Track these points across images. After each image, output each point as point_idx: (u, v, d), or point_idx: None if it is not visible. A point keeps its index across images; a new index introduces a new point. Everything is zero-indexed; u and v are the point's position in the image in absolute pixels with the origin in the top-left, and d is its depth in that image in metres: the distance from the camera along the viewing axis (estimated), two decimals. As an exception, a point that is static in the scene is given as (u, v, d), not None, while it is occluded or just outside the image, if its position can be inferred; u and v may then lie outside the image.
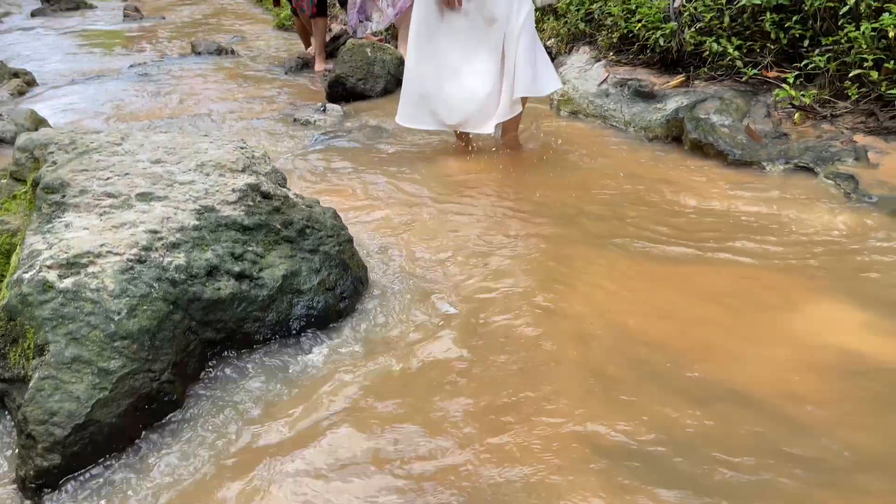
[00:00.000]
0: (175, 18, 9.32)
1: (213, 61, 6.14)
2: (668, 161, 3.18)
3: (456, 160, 3.34)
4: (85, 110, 4.66)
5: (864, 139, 2.98)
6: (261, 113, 4.50)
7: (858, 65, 3.03)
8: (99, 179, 1.98)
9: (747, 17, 3.49)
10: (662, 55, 3.81)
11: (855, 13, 3.10)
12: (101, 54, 6.90)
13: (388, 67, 4.77)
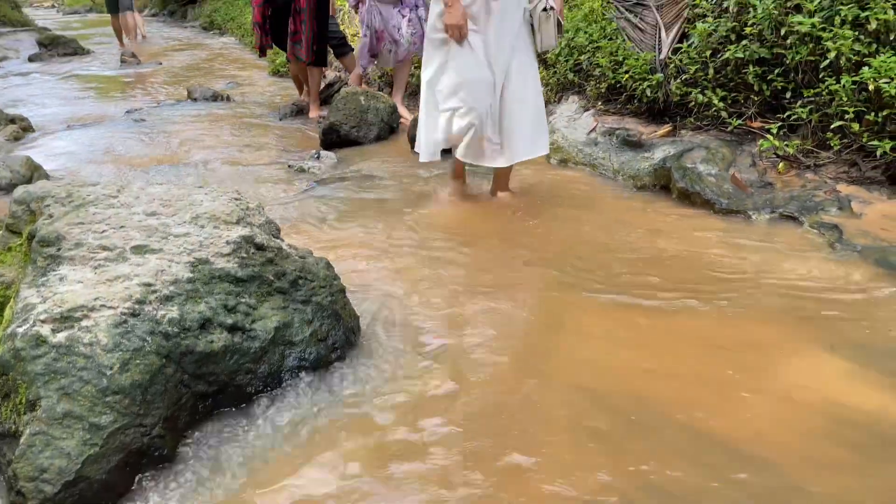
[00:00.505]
0: (171, 64, 9.46)
1: (209, 107, 6.22)
2: (656, 210, 3.23)
3: (448, 208, 3.39)
4: (81, 157, 4.70)
5: (848, 189, 3.04)
6: (256, 159, 4.55)
7: (840, 117, 3.12)
8: (94, 232, 2.00)
9: (731, 69, 3.59)
10: (649, 105, 3.89)
11: (835, 66, 3.20)
12: (97, 100, 6.98)
13: (382, 115, 4.85)
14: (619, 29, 4.29)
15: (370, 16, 5.11)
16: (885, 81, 2.95)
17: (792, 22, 3.30)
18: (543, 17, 3.05)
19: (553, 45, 3.15)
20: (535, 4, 3.05)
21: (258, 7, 5.39)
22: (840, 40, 3.13)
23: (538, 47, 3.14)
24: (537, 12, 3.05)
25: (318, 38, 5.42)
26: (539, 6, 3.04)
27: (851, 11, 3.19)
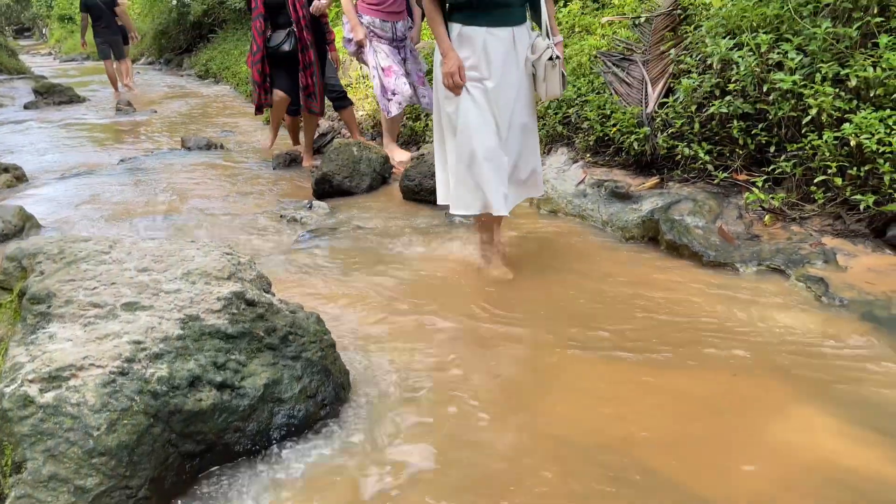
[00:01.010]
0: (166, 112, 9.57)
1: (203, 156, 6.28)
2: (644, 262, 3.26)
3: (438, 262, 3.40)
4: (74, 206, 4.72)
5: (833, 241, 3.08)
6: (248, 209, 4.58)
7: (823, 171, 3.18)
8: (85, 289, 2.01)
9: (716, 123, 3.66)
10: (637, 158, 3.96)
11: (817, 122, 3.27)
12: (92, 148, 7.04)
13: (374, 165, 4.90)
14: (607, 83, 4.39)
15: (376, 56, 5.03)
16: (865, 137, 3.02)
17: (774, 79, 3.39)
18: (549, 66, 3.00)
19: (558, 95, 3.09)
20: (540, 54, 3.00)
21: (256, 66, 5.38)
22: (821, 97, 3.21)
23: (542, 96, 3.10)
24: (542, 62, 3.00)
25: (324, 90, 5.64)
26: (544, 56, 2.99)
27: (832, 69, 3.29)
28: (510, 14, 2.97)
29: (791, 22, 3.60)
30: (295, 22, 5.16)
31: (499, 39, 2.95)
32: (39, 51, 28.93)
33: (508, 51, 2.98)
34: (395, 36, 5.05)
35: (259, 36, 5.18)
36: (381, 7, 4.97)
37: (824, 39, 3.38)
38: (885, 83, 3.11)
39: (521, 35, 3.01)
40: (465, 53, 2.98)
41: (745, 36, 3.66)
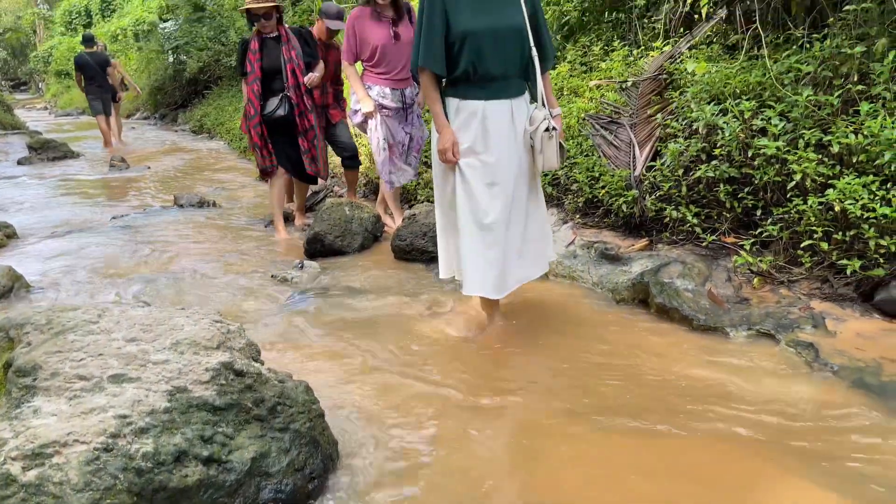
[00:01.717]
0: (160, 167, 9.63)
1: (195, 214, 6.30)
2: (635, 325, 3.27)
3: (430, 325, 3.39)
4: (64, 266, 4.71)
5: (821, 305, 3.10)
6: (239, 269, 4.58)
7: (809, 235, 3.22)
8: (72, 361, 1.99)
9: (703, 187, 3.72)
10: (626, 219, 4.00)
11: (801, 187, 3.33)
12: (84, 205, 7.05)
13: (366, 225, 4.93)
14: (596, 145, 4.46)
15: (383, 131, 4.92)
16: (850, 203, 3.07)
17: (758, 145, 3.46)
18: (546, 138, 2.98)
19: (555, 166, 3.07)
20: (537, 126, 2.99)
21: (255, 129, 5.14)
22: (805, 163, 3.27)
23: (540, 168, 3.07)
24: (539, 133, 2.98)
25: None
26: (541, 127, 2.98)
27: (814, 135, 3.36)
28: (508, 87, 2.98)
29: (773, 89, 3.70)
30: (293, 87, 5.06)
31: (497, 112, 2.96)
32: (35, 105, 29.22)
33: (507, 123, 2.98)
34: (404, 103, 4.92)
35: (256, 99, 5.08)
36: (390, 75, 4.84)
37: (806, 107, 3.47)
38: (867, 150, 3.18)
39: (519, 107, 3.03)
40: (463, 127, 2.97)
41: (729, 102, 3.75)
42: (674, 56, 4.66)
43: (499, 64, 2.91)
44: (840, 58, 3.53)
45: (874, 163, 3.16)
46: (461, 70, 2.91)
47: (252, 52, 5.07)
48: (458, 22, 2.85)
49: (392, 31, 4.75)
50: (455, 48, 2.89)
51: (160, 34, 18.69)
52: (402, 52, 4.75)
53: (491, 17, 2.87)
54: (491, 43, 2.87)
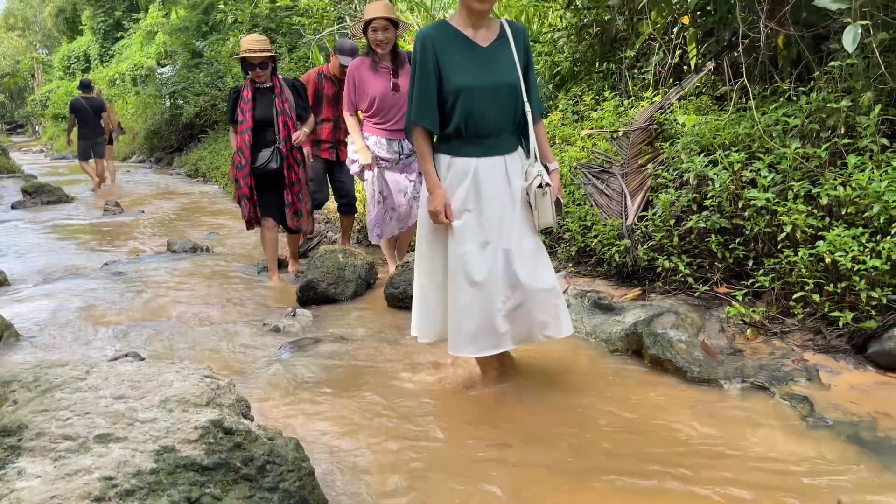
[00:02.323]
0: (154, 212, 9.66)
1: (188, 260, 6.29)
2: (629, 377, 3.25)
3: (423, 377, 3.37)
4: (55, 313, 4.68)
5: (815, 357, 3.10)
6: (232, 317, 4.55)
7: (801, 287, 3.23)
8: (58, 420, 1.96)
9: (694, 237, 3.74)
10: (619, 269, 4.01)
11: (792, 238, 3.35)
12: (77, 251, 7.04)
13: (359, 272, 4.93)
14: (588, 195, 4.50)
15: (379, 183, 4.89)
16: (840, 255, 3.09)
17: (748, 196, 3.49)
18: (539, 194, 2.87)
19: (551, 223, 2.95)
20: (531, 181, 2.88)
21: (245, 180, 5.10)
22: (794, 214, 3.30)
23: (536, 225, 2.95)
24: (532, 189, 2.88)
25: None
26: (534, 183, 2.87)
27: (803, 187, 3.40)
28: (500, 143, 2.91)
29: (762, 140, 3.75)
30: (284, 140, 5.05)
31: (491, 169, 2.88)
32: (31, 147, 29.41)
33: (501, 180, 2.90)
34: (401, 154, 4.84)
35: (247, 150, 5.03)
36: (386, 126, 4.80)
37: (794, 159, 3.51)
38: (856, 202, 3.21)
39: (513, 163, 2.94)
40: (455, 184, 2.89)
41: (718, 153, 3.80)
42: (664, 107, 4.73)
43: (492, 120, 2.85)
44: (826, 111, 3.60)
45: (863, 215, 3.19)
46: (453, 126, 2.86)
47: (244, 102, 5.05)
48: (450, 78, 2.80)
49: (391, 81, 4.73)
50: (448, 104, 2.84)
51: (158, 79, 18.97)
52: (401, 103, 4.71)
53: (484, 74, 2.81)
54: (484, 99, 2.81)
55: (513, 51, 2.86)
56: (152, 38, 23.76)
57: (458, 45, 2.82)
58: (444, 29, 2.84)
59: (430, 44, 2.79)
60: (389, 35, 4.64)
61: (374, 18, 4.59)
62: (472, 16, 2.81)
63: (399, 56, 4.79)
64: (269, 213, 5.26)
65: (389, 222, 4.97)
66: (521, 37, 2.90)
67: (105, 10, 29.42)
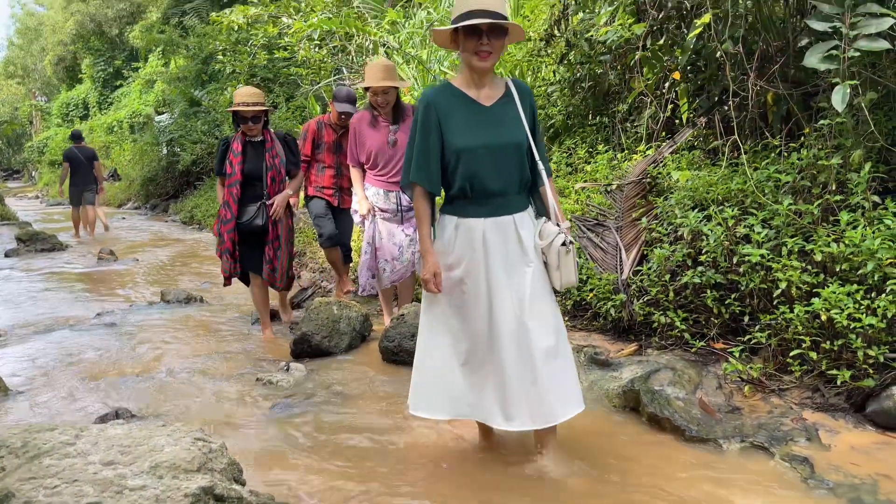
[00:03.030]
0: (148, 260, 9.62)
1: (181, 311, 6.25)
2: (626, 435, 3.21)
3: (419, 436, 3.32)
4: (45, 367, 4.62)
5: (814, 416, 3.07)
6: (224, 370, 4.50)
7: (797, 344, 3.22)
8: (46, 488, 1.92)
9: (690, 292, 3.75)
10: (615, 323, 4.01)
11: (787, 294, 3.36)
12: (69, 300, 6.99)
13: (354, 324, 4.90)
14: (582, 248, 4.51)
15: (372, 231, 4.87)
16: (836, 312, 3.10)
17: (742, 252, 3.51)
18: (563, 253, 2.70)
19: (574, 282, 2.77)
20: (551, 241, 2.71)
21: (230, 235, 4.97)
22: (789, 271, 3.31)
23: (557, 285, 2.75)
24: (554, 248, 2.70)
25: (290, 264, 5.38)
26: (556, 242, 2.70)
27: (797, 243, 3.42)
28: (508, 202, 2.76)
29: (754, 196, 3.78)
30: (272, 195, 4.99)
31: (500, 229, 2.73)
32: (27, 193, 29.47)
33: (512, 241, 2.74)
34: (399, 206, 4.81)
35: (235, 204, 4.91)
36: (385, 177, 4.80)
37: (787, 215, 3.54)
38: (850, 259, 3.23)
39: (523, 222, 2.78)
40: (462, 246, 2.75)
41: (712, 209, 3.83)
42: (657, 160, 4.79)
43: (497, 181, 2.72)
44: (817, 167, 3.64)
45: (857, 272, 3.21)
46: (458, 187, 2.74)
47: (234, 154, 4.94)
48: (453, 139, 2.71)
49: (390, 136, 4.73)
50: (451, 165, 2.74)
51: (155, 127, 19.15)
52: (398, 157, 4.71)
53: (488, 133, 2.72)
54: (488, 160, 2.70)
55: (519, 109, 2.77)
56: (151, 86, 24.08)
57: (462, 106, 2.75)
58: (448, 90, 2.79)
59: (433, 106, 2.73)
60: (389, 97, 4.67)
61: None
62: (474, 75, 2.75)
63: (400, 111, 4.79)
64: (255, 268, 5.13)
65: (383, 273, 4.92)
66: (526, 95, 2.83)
67: (105, 59, 29.89)
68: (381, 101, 4.66)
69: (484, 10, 2.57)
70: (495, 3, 2.60)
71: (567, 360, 2.80)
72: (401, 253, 4.86)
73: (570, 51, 5.98)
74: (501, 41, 2.66)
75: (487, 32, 2.60)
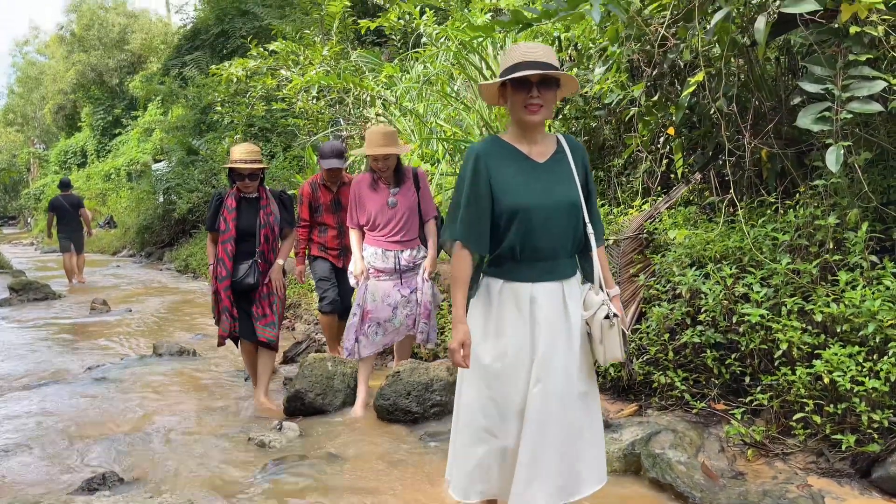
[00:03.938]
0: (142, 310, 9.54)
1: (174, 364, 6.16)
2: (628, 501, 3.12)
3: (414, 498, 3.24)
4: (31, 426, 4.52)
5: (819, 482, 3.00)
6: (216, 428, 4.42)
7: (800, 407, 3.17)
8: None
9: (689, 351, 3.70)
10: (614, 383, 3.95)
11: (788, 355, 3.32)
12: (60, 353, 6.89)
13: (348, 381, 4.82)
14: (580, 304, 4.47)
15: (363, 293, 4.64)
16: (838, 374, 3.05)
17: (742, 311, 3.48)
18: (606, 326, 2.47)
19: (619, 358, 2.53)
20: (594, 312, 2.50)
21: (224, 291, 4.75)
22: (790, 331, 3.28)
23: (601, 360, 2.53)
24: (598, 320, 2.49)
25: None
26: (599, 314, 2.49)
27: (796, 303, 3.39)
28: (558, 266, 2.54)
29: (752, 254, 3.77)
30: (262, 253, 4.78)
31: (547, 296, 2.51)
32: (22, 240, 29.43)
33: (559, 309, 2.52)
34: (398, 267, 4.60)
35: (229, 261, 4.72)
36: (384, 238, 4.60)
37: (786, 274, 3.52)
38: (850, 320, 3.20)
39: (571, 290, 2.56)
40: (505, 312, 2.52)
41: (710, 266, 3.81)
42: (653, 216, 4.79)
43: (550, 242, 2.50)
44: (814, 226, 3.64)
45: (858, 333, 3.18)
46: (507, 248, 2.51)
47: (228, 211, 4.77)
48: (505, 196, 2.49)
49: (390, 199, 4.59)
50: (501, 224, 2.51)
51: (152, 175, 19.24)
52: (398, 217, 4.59)
53: (543, 191, 2.51)
54: (543, 219, 2.49)
55: (571, 167, 2.58)
56: (149, 134, 24.29)
57: (513, 161, 2.54)
58: (497, 144, 2.58)
59: (482, 161, 2.52)
60: (390, 163, 4.57)
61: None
62: (525, 130, 2.55)
63: (400, 174, 4.68)
64: (246, 334, 4.89)
65: (375, 337, 4.66)
66: (579, 152, 2.63)
67: (105, 107, 30.21)
68: (382, 166, 4.56)
69: (533, 60, 2.43)
70: (545, 54, 2.46)
71: (599, 436, 2.64)
72: (394, 314, 4.65)
73: (566, 105, 6.05)
74: (553, 93, 2.49)
75: (538, 84, 2.44)
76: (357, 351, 4.65)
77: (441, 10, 10.39)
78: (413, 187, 4.71)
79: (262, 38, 13.60)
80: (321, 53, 10.72)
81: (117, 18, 32.81)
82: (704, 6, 4.15)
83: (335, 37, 11.44)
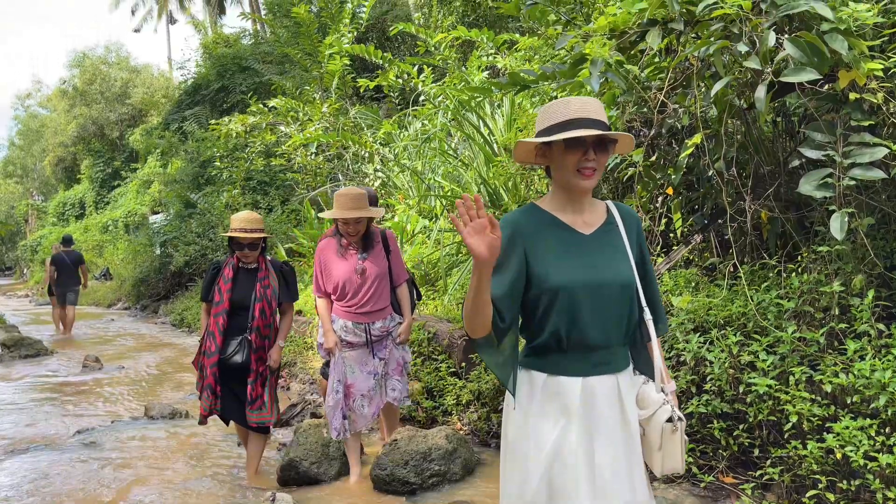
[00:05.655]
0: (135, 366, 9.39)
1: (166, 427, 6.01)
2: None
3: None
4: (13, 497, 4.37)
5: (835, 564, 2.87)
6: (206, 499, 4.27)
7: (813, 483, 3.06)
8: None
9: (696, 421, 3.60)
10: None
11: (798, 428, 3.22)
12: (49, 414, 6.74)
13: (343, 449, 4.68)
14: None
15: (342, 367, 4.39)
16: (850, 449, 2.95)
17: (748, 381, 3.39)
18: (668, 431, 2.08)
19: (679, 469, 2.12)
20: (654, 412, 2.10)
21: (213, 369, 4.40)
22: (798, 403, 3.19)
23: (657, 470, 2.12)
24: (657, 423, 2.09)
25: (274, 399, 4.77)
26: (660, 415, 2.09)
27: (804, 373, 3.31)
28: (612, 357, 2.13)
29: (756, 320, 3.70)
30: (256, 329, 4.43)
31: (602, 393, 2.09)
32: (17, 291, 29.29)
33: (615, 409, 2.10)
34: (369, 339, 4.37)
35: (219, 335, 4.38)
36: (353, 309, 4.34)
37: (792, 342, 3.45)
38: (860, 391, 3.11)
39: (626, 384, 2.13)
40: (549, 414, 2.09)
41: (714, 332, 3.73)
42: (654, 278, 4.72)
43: (601, 330, 2.10)
44: (819, 293, 3.58)
45: (870, 405, 3.09)
46: (549, 334, 2.10)
47: (224, 281, 4.46)
48: (545, 274, 2.09)
49: (358, 266, 4.33)
50: (541, 307, 2.11)
51: (150, 227, 19.24)
52: (367, 285, 4.33)
53: (590, 269, 2.11)
54: (591, 301, 2.09)
55: (624, 240, 2.19)
56: (148, 186, 24.40)
57: (555, 234, 2.16)
58: (536, 213, 2.20)
59: (518, 233, 2.13)
60: (360, 227, 4.31)
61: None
62: (571, 197, 2.18)
63: (369, 238, 4.42)
64: (230, 413, 4.58)
65: (361, 410, 4.40)
66: (633, 223, 2.23)
67: (105, 160, 30.44)
68: (352, 230, 4.29)
69: (589, 118, 2.07)
70: (598, 111, 2.10)
71: None
72: (377, 382, 4.44)
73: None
74: (607, 155, 2.12)
75: (594, 145, 2.08)
76: (346, 429, 4.39)
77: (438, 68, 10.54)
78: (383, 251, 4.46)
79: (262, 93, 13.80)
80: (321, 110, 10.83)
81: (120, 73, 33.33)
82: (702, 73, 4.18)
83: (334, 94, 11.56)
